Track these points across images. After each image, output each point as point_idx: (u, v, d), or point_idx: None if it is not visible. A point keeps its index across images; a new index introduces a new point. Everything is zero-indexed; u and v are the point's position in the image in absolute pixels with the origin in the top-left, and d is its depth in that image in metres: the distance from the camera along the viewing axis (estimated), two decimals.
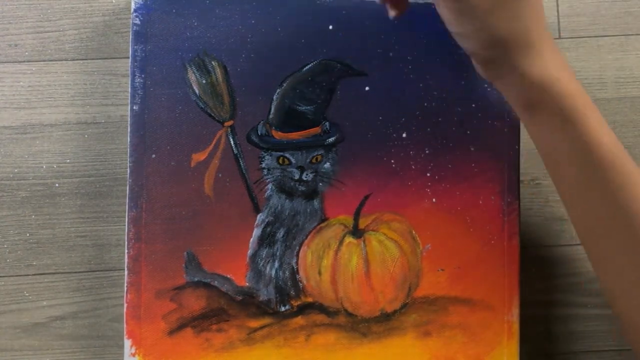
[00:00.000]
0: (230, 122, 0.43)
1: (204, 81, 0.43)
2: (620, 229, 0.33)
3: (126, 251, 0.42)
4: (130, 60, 0.42)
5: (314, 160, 0.43)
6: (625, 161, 0.33)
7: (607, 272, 0.35)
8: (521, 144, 0.45)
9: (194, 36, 0.43)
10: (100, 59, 0.46)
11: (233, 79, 0.43)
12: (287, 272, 0.43)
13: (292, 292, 0.43)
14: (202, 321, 0.43)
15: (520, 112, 0.37)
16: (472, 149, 0.44)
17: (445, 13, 0.36)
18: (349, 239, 0.44)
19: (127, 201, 0.42)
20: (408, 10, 0.41)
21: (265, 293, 0.43)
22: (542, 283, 0.48)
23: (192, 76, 0.43)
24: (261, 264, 0.43)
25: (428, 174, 0.44)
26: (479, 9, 0.33)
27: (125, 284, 0.42)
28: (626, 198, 0.33)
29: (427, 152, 0.44)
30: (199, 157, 0.43)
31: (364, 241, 0.44)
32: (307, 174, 0.43)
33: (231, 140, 0.43)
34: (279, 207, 0.43)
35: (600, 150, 0.33)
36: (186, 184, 0.42)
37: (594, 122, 0.33)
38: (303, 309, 0.43)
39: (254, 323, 0.43)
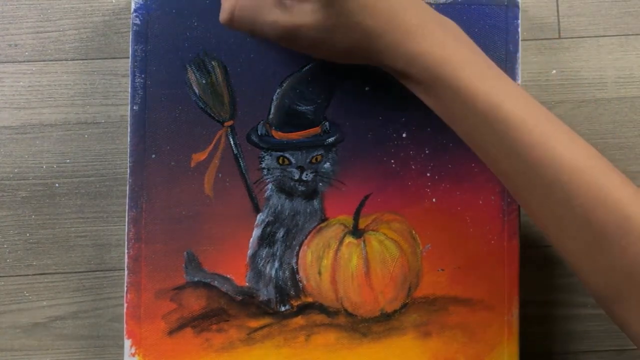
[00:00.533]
0: (230, 122, 0.43)
1: (204, 81, 0.43)
2: (516, 172, 0.34)
3: (126, 251, 0.42)
4: (130, 60, 0.42)
5: (314, 160, 0.43)
6: (506, 110, 0.33)
7: (532, 214, 0.35)
8: None
9: (194, 36, 0.43)
10: (100, 59, 0.46)
11: (233, 79, 0.43)
12: (287, 272, 0.43)
13: (292, 292, 0.43)
14: (202, 321, 0.43)
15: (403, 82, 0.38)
16: None
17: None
18: (349, 239, 0.44)
19: (127, 201, 0.42)
20: None
21: (265, 293, 0.43)
22: (542, 283, 0.48)
23: (192, 76, 0.43)
24: (261, 264, 0.43)
25: (428, 174, 0.44)
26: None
27: (125, 284, 0.42)
28: (514, 146, 0.33)
29: (427, 152, 0.44)
30: (199, 157, 0.43)
31: (364, 241, 0.44)
32: (307, 174, 0.43)
33: (231, 140, 0.43)
34: (279, 207, 0.43)
35: (477, 102, 0.34)
36: (186, 184, 0.42)
37: (466, 81, 0.34)
38: (303, 309, 0.43)
39: (254, 323, 0.43)
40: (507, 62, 0.44)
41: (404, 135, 0.44)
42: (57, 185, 0.45)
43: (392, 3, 0.35)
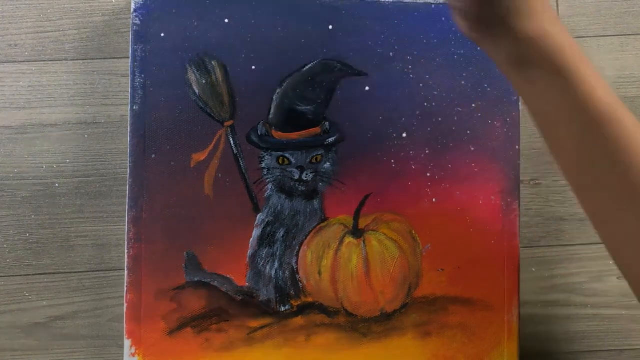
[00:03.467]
0: (230, 122, 0.43)
1: (204, 81, 0.43)
2: (619, 183, 0.32)
3: (126, 251, 0.42)
4: (130, 60, 0.42)
5: (313, 160, 0.43)
6: (621, 114, 0.32)
7: (608, 228, 0.34)
8: (521, 144, 0.45)
9: (194, 36, 0.43)
10: (100, 59, 0.46)
11: (233, 79, 0.43)
12: (287, 272, 0.43)
13: (292, 292, 0.43)
14: (202, 321, 0.43)
15: (510, 71, 0.35)
16: (472, 149, 0.44)
17: None
18: (349, 239, 0.44)
19: (127, 201, 0.42)
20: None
21: (265, 293, 0.43)
22: (542, 283, 0.48)
23: (192, 76, 0.43)
24: (261, 264, 0.43)
25: (428, 174, 0.44)
26: None
27: (125, 284, 0.42)
28: (624, 151, 0.32)
29: (427, 152, 0.44)
30: (199, 157, 0.43)
31: (364, 241, 0.44)
32: (307, 174, 0.43)
33: (231, 140, 0.43)
34: (279, 207, 0.43)
35: (596, 104, 0.32)
36: (186, 184, 0.42)
37: (588, 76, 0.32)
38: (303, 309, 0.43)
39: (254, 323, 0.43)
40: None
41: (404, 135, 0.44)
42: (57, 185, 0.45)
43: None
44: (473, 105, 0.44)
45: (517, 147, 0.45)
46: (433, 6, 0.44)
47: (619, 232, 0.33)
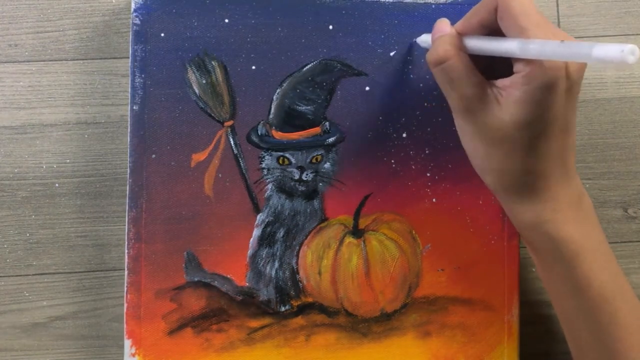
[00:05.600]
0: (230, 122, 0.43)
1: (204, 81, 0.43)
2: None
3: (126, 251, 0.42)
4: (130, 60, 0.42)
5: (314, 160, 0.43)
6: (619, 304, 0.34)
7: None
8: None
9: (194, 36, 0.43)
10: (100, 59, 0.46)
11: (233, 79, 0.43)
12: (287, 272, 0.43)
13: (292, 292, 0.43)
14: (202, 321, 0.43)
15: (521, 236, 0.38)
16: None
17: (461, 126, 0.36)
18: (349, 239, 0.44)
19: (127, 201, 0.42)
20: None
21: (265, 293, 0.43)
22: (542, 283, 0.48)
23: (192, 76, 0.43)
24: (261, 264, 0.43)
25: (428, 174, 0.44)
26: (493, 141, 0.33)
27: (125, 284, 0.42)
28: (613, 338, 0.34)
29: (427, 152, 0.44)
30: (199, 157, 0.43)
31: (364, 241, 0.44)
32: (307, 174, 0.43)
33: (231, 140, 0.43)
34: (279, 207, 0.43)
35: (590, 292, 0.34)
36: (186, 184, 0.42)
37: (587, 266, 0.34)
38: (303, 309, 0.43)
39: (254, 323, 0.43)
40: None
41: (404, 135, 0.44)
42: (57, 185, 0.45)
43: (564, 154, 0.34)
44: None
45: None
46: (433, 6, 0.44)
47: None
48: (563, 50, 0.28)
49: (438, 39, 0.35)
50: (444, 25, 0.36)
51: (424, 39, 0.41)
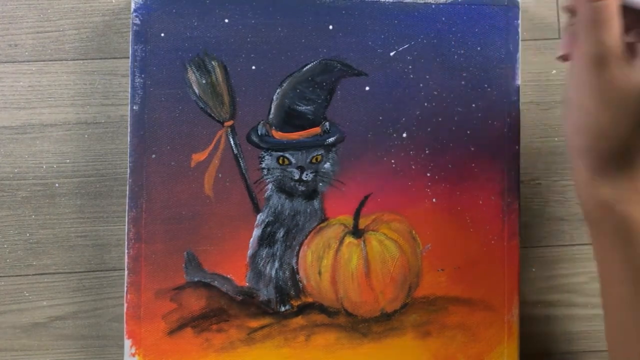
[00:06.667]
0: (230, 122, 0.43)
1: (204, 81, 0.43)
2: None
3: (126, 251, 0.42)
4: (130, 60, 0.42)
5: (314, 160, 0.43)
6: None
7: None
8: (521, 144, 0.45)
9: (194, 36, 0.43)
10: (100, 59, 0.46)
11: (233, 79, 0.43)
12: (287, 272, 0.43)
13: (292, 292, 0.43)
14: (202, 321, 0.43)
15: (586, 224, 0.36)
16: (472, 149, 0.44)
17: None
18: (349, 239, 0.44)
19: (127, 201, 0.42)
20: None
21: (265, 293, 0.43)
22: (542, 283, 0.48)
23: (192, 76, 0.43)
24: (261, 264, 0.43)
25: (428, 174, 0.44)
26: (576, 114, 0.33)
27: (125, 284, 0.42)
28: None
29: (427, 152, 0.44)
30: (199, 157, 0.43)
31: (364, 241, 0.44)
32: (307, 174, 0.43)
33: (231, 140, 0.43)
34: (279, 207, 0.43)
35: None
36: (186, 184, 0.42)
37: None
38: (303, 309, 0.43)
39: (254, 323, 0.43)
40: (507, 62, 0.44)
41: (404, 135, 0.44)
42: (57, 185, 0.45)
43: None
44: (473, 105, 0.44)
45: (517, 147, 0.44)
46: (433, 6, 0.44)
47: None
48: None
49: None
50: None
51: None
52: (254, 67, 0.43)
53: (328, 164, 0.43)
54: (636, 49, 0.32)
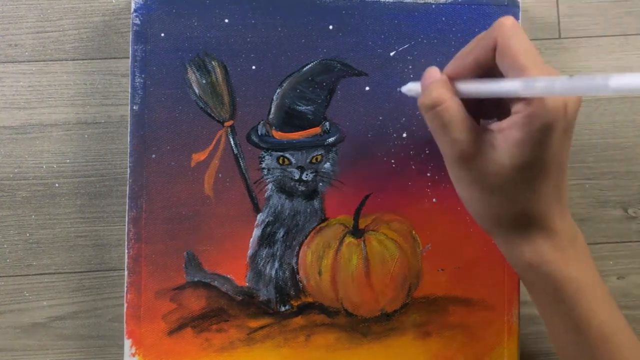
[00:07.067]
0: (230, 122, 0.43)
1: (204, 81, 0.43)
2: None
3: (126, 251, 0.42)
4: (130, 60, 0.42)
5: (314, 160, 0.43)
6: (619, 341, 0.34)
7: None
8: None
9: (194, 36, 0.43)
10: (100, 59, 0.46)
11: (233, 79, 0.43)
12: (287, 272, 0.43)
13: (292, 292, 0.43)
14: (202, 321, 0.43)
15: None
16: None
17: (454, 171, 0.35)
18: (349, 239, 0.44)
19: (127, 201, 0.42)
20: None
21: (265, 293, 0.43)
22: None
23: (192, 76, 0.43)
24: (261, 264, 0.43)
25: (428, 174, 0.44)
26: (490, 181, 0.33)
27: (125, 284, 0.42)
28: None
29: (427, 152, 0.44)
30: (199, 157, 0.43)
31: (364, 241, 0.44)
32: (307, 174, 0.43)
33: (231, 140, 0.43)
34: (279, 207, 0.43)
35: (590, 331, 0.34)
36: (186, 184, 0.42)
37: (586, 304, 0.33)
38: (303, 309, 0.43)
39: (254, 323, 0.43)
40: None
41: (404, 135, 0.44)
42: (57, 185, 0.45)
43: (562, 194, 0.34)
44: None
45: None
46: (433, 6, 0.44)
47: None
48: (575, 84, 0.27)
49: (431, 84, 0.34)
50: (434, 72, 0.35)
51: (410, 87, 0.38)
52: (254, 67, 0.43)
53: (328, 164, 0.43)
54: (506, 108, 0.32)
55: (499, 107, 0.34)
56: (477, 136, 0.32)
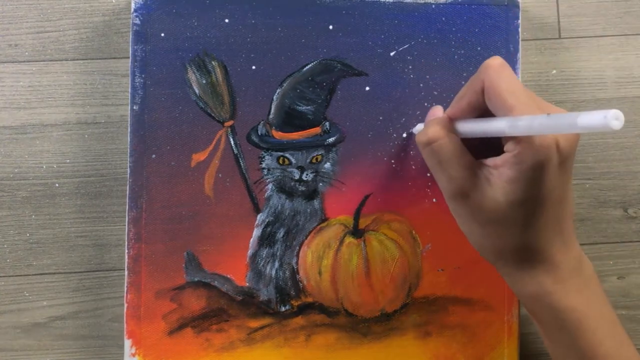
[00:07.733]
0: (230, 122, 0.43)
1: (204, 81, 0.43)
2: None
3: (126, 251, 0.42)
4: (130, 60, 0.42)
5: (314, 160, 0.43)
6: None
7: None
8: None
9: (194, 36, 0.43)
10: (100, 59, 0.46)
11: (233, 79, 0.43)
12: (287, 272, 0.43)
13: (292, 292, 0.43)
14: (202, 321, 0.43)
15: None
16: None
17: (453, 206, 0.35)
18: (349, 239, 0.44)
19: (127, 201, 0.42)
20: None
21: (265, 293, 0.43)
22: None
23: (192, 76, 0.43)
24: (261, 264, 0.43)
25: (428, 174, 0.44)
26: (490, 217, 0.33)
27: (125, 284, 0.42)
28: None
29: None
30: (199, 157, 0.43)
31: (364, 241, 0.44)
32: (307, 174, 0.43)
33: (231, 140, 0.43)
34: (279, 207, 0.43)
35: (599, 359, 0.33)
36: (186, 184, 0.42)
37: (591, 334, 0.33)
38: (303, 309, 0.43)
39: (254, 323, 0.43)
40: (507, 62, 0.44)
41: (404, 135, 0.44)
42: (57, 185, 0.45)
43: (565, 226, 0.34)
44: None
45: None
46: (433, 6, 0.44)
47: None
48: (549, 122, 0.27)
49: (429, 122, 0.35)
50: (436, 111, 0.36)
51: (419, 128, 0.39)
52: (254, 67, 0.43)
53: (328, 164, 0.43)
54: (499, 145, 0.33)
55: (500, 144, 0.34)
56: (474, 172, 0.33)
